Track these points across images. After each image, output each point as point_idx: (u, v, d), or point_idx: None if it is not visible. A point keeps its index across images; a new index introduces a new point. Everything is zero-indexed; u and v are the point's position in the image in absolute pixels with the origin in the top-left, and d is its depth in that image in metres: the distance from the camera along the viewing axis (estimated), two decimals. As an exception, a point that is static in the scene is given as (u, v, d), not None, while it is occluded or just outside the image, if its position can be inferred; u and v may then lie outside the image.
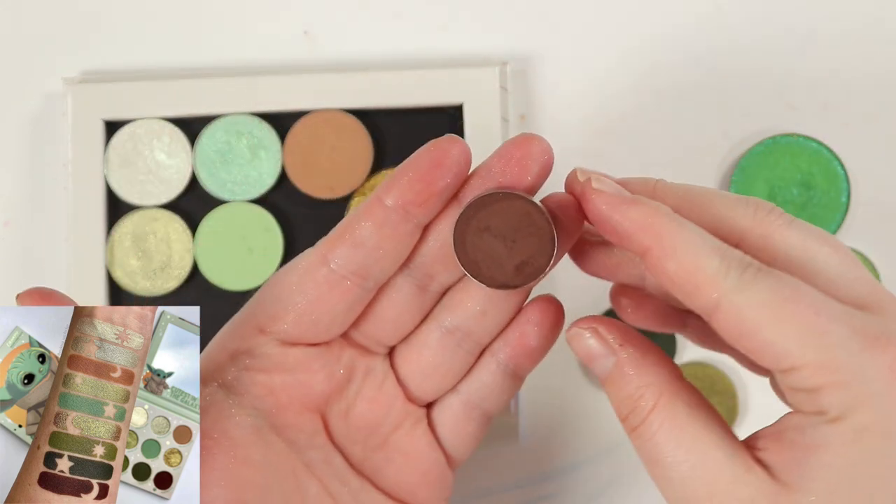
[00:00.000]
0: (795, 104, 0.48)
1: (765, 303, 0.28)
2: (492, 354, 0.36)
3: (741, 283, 0.28)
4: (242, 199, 0.47)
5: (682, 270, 0.29)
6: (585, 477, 0.47)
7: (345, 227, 0.33)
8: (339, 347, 0.35)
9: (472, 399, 0.36)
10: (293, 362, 0.34)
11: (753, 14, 0.49)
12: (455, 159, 0.33)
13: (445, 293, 0.35)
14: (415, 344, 0.35)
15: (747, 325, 0.28)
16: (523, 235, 0.32)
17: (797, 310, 0.28)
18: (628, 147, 0.48)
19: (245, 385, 0.34)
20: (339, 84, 0.47)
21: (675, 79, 0.48)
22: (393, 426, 0.36)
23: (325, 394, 0.35)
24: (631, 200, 0.30)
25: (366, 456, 0.35)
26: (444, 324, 0.35)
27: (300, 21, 0.49)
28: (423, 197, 0.33)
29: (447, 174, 0.33)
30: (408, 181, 0.33)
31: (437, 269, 0.34)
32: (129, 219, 0.47)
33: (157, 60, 0.49)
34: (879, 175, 0.48)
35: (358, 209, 0.33)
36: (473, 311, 0.35)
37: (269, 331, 0.34)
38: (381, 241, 0.33)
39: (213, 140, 0.47)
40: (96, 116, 0.47)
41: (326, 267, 0.33)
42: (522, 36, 0.49)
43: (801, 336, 0.28)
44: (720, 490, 0.29)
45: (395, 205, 0.33)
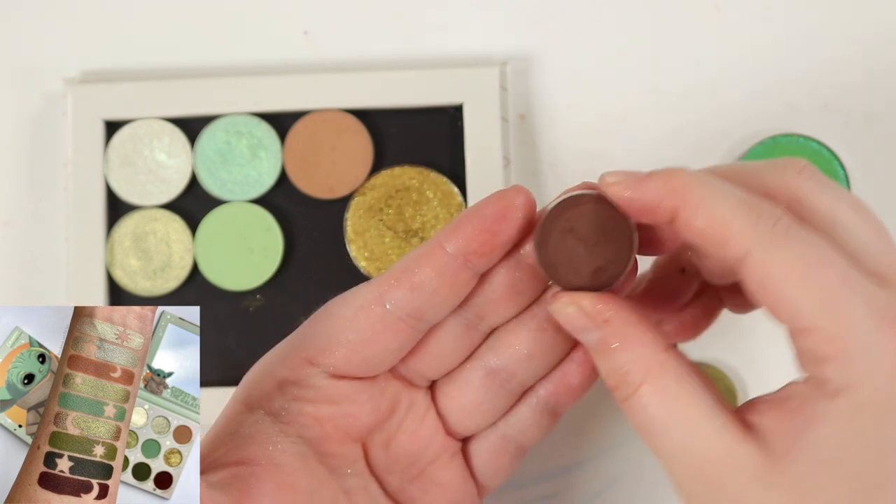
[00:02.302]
0: (795, 104, 0.48)
1: (794, 264, 0.28)
2: (533, 391, 0.36)
3: (772, 237, 0.28)
4: (242, 199, 0.47)
5: (711, 223, 0.29)
6: (585, 476, 0.47)
7: (403, 270, 0.33)
8: (385, 380, 0.35)
9: (510, 433, 0.36)
10: (340, 395, 0.34)
11: (753, 14, 0.49)
12: (520, 211, 0.33)
13: (493, 332, 0.35)
14: (458, 381, 0.36)
15: (773, 279, 0.28)
16: (606, 240, 0.32)
17: (825, 276, 0.28)
18: (628, 147, 0.48)
19: (292, 414, 0.34)
20: (339, 84, 0.47)
21: (675, 79, 0.48)
22: (430, 459, 0.36)
23: (369, 425, 0.35)
24: (645, 175, 0.30)
25: (402, 486, 0.36)
26: (490, 364, 0.35)
27: (300, 21, 0.49)
28: (486, 248, 0.33)
29: (512, 226, 0.33)
30: (472, 231, 0.33)
31: (488, 311, 0.34)
32: (129, 219, 0.47)
33: (157, 60, 0.49)
34: (879, 175, 0.48)
35: (417, 252, 0.34)
36: (520, 354, 0.35)
37: (318, 363, 0.34)
38: (440, 287, 0.33)
39: (213, 140, 0.47)
40: (96, 116, 0.47)
41: (382, 307, 0.33)
42: (522, 36, 0.49)
43: (822, 302, 0.28)
44: (712, 461, 0.29)
45: (456, 253, 0.33)
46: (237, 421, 0.34)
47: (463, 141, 0.46)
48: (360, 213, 0.47)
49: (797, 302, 0.28)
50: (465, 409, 0.36)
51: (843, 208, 0.30)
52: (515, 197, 0.33)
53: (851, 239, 0.30)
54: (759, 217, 0.29)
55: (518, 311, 0.35)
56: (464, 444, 0.37)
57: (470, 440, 0.37)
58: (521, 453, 0.37)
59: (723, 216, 0.29)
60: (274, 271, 0.47)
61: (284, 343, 0.35)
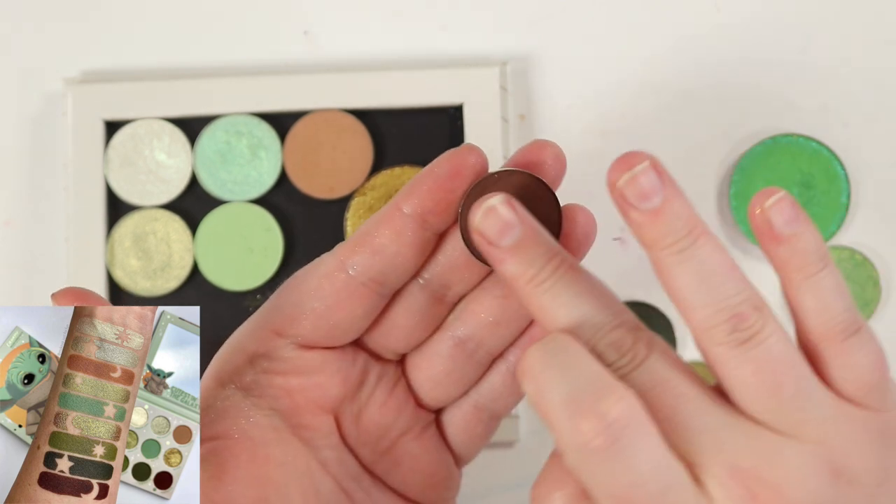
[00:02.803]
0: (795, 104, 0.48)
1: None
2: (502, 358, 0.36)
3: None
4: (242, 199, 0.47)
5: (535, 399, 0.29)
6: (585, 477, 0.47)
7: (363, 235, 0.34)
8: (354, 352, 0.35)
9: (482, 401, 0.36)
10: (310, 365, 0.34)
11: (753, 14, 0.49)
12: (472, 168, 0.33)
13: (459, 303, 0.36)
14: (427, 352, 0.36)
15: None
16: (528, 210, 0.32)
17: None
18: (628, 147, 0.48)
19: (263, 387, 0.34)
20: (339, 84, 0.47)
21: (675, 78, 0.48)
22: (402, 431, 0.36)
23: (339, 396, 0.35)
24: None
25: (375, 459, 0.36)
26: (457, 333, 0.35)
27: (300, 21, 0.49)
28: (442, 207, 0.33)
29: (466, 183, 0.33)
30: (427, 190, 0.33)
31: (453, 278, 0.35)
32: (130, 219, 0.47)
33: (157, 60, 0.49)
34: (879, 175, 0.48)
35: (376, 217, 0.34)
36: (486, 321, 0.35)
37: (286, 334, 0.34)
38: (400, 248, 0.33)
39: (213, 140, 0.47)
40: (96, 116, 0.47)
41: (345, 273, 0.34)
42: (522, 36, 0.49)
43: None
44: None
45: (413, 213, 0.33)
46: (210, 397, 0.34)
47: (463, 141, 0.46)
48: (360, 213, 0.47)
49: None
50: (435, 379, 0.36)
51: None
52: (468, 155, 0.33)
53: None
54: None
55: (481, 278, 0.35)
56: (437, 415, 0.37)
57: (443, 411, 0.37)
58: (496, 421, 0.37)
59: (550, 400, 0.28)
60: (274, 271, 0.47)
61: (253, 317, 0.35)
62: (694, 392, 0.29)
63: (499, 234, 0.30)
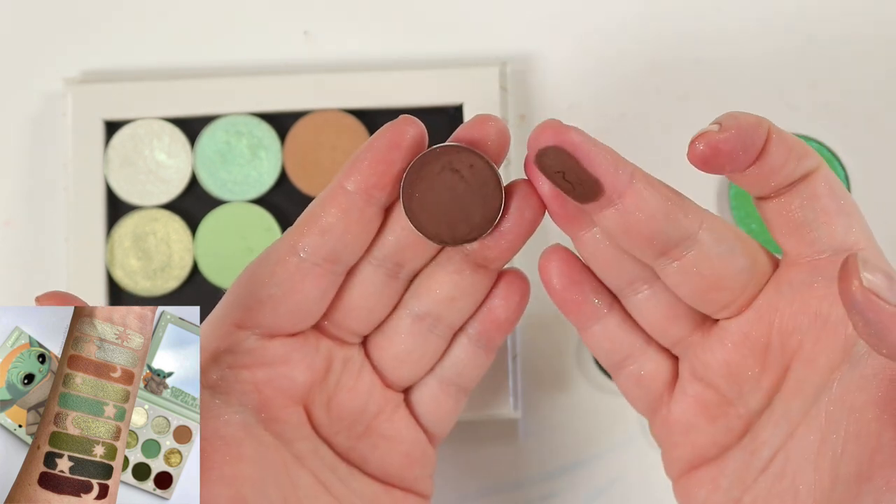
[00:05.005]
0: (795, 104, 0.48)
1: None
2: (463, 331, 0.36)
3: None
4: (242, 199, 0.47)
5: (795, 143, 0.34)
6: (585, 477, 0.47)
7: (310, 216, 0.34)
8: (316, 339, 0.35)
9: (448, 376, 0.37)
10: (273, 355, 0.34)
11: (753, 14, 0.49)
12: (412, 140, 0.33)
13: (415, 279, 0.36)
14: (387, 332, 0.36)
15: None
16: (470, 188, 0.33)
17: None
18: (628, 147, 0.48)
19: (229, 383, 0.34)
20: (339, 84, 0.47)
21: (675, 79, 0.48)
22: (373, 413, 0.36)
23: (306, 385, 0.35)
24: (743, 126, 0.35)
25: (350, 445, 0.36)
26: (414, 310, 0.35)
27: (300, 21, 0.49)
28: (385, 180, 0.33)
29: (406, 155, 0.33)
30: (368, 165, 0.33)
31: (405, 255, 0.35)
32: (129, 219, 0.47)
33: (157, 60, 0.49)
34: (879, 175, 0.48)
35: (321, 196, 0.34)
36: (442, 296, 0.35)
37: (247, 325, 0.34)
38: (348, 226, 0.33)
39: (213, 140, 0.47)
40: (96, 116, 0.47)
41: (296, 256, 0.34)
42: (522, 36, 0.49)
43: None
44: None
45: (357, 189, 0.33)
46: None
47: (463, 141, 0.46)
48: (360, 213, 0.47)
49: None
50: (398, 358, 0.36)
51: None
52: (406, 126, 0.33)
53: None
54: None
55: (434, 254, 0.35)
56: (406, 394, 0.37)
57: (411, 390, 0.37)
58: (464, 395, 0.37)
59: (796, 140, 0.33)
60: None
61: (211, 316, 0.35)
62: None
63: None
